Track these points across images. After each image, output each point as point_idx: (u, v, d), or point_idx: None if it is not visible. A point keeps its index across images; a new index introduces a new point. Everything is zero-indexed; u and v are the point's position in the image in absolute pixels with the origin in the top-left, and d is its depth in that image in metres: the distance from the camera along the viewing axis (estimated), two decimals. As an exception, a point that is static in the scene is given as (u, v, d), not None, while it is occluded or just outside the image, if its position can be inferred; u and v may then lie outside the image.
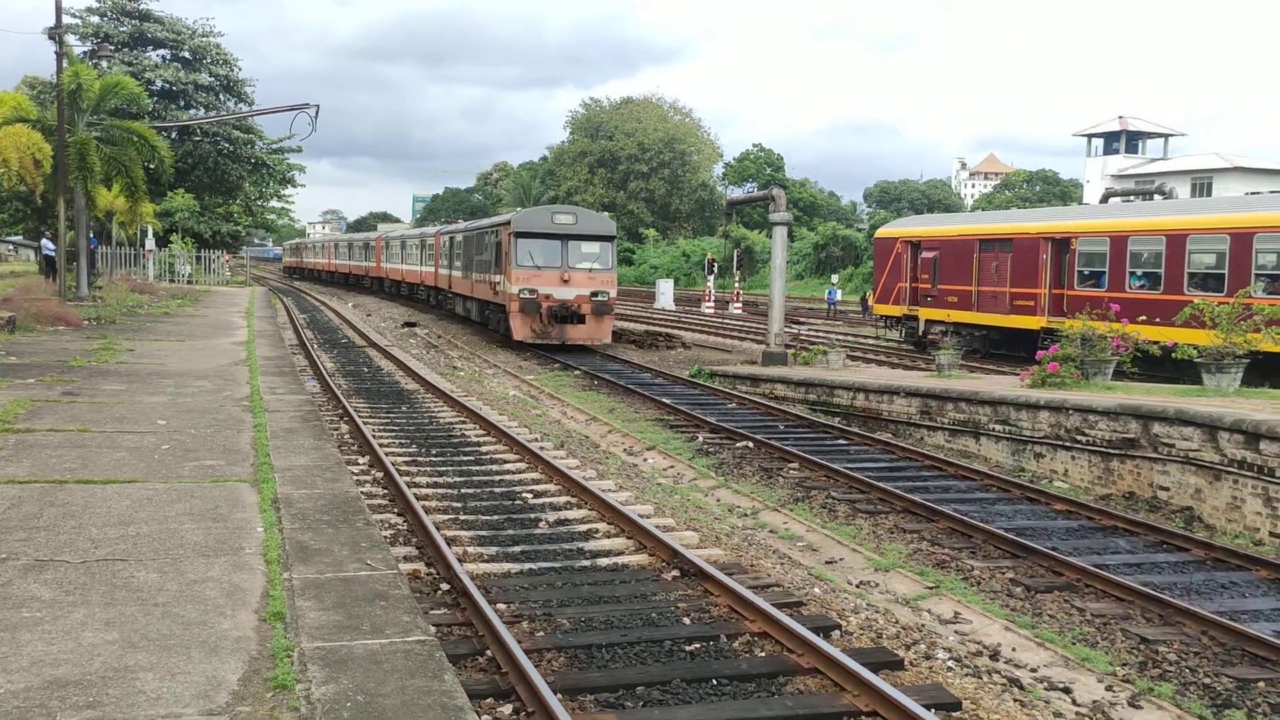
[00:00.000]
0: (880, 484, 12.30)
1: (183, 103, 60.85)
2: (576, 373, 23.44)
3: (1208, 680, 7.15)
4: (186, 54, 61.13)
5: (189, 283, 49.11)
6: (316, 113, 36.33)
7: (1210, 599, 8.81)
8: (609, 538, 9.88)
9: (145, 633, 5.21)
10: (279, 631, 5.23)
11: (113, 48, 54.32)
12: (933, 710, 6.04)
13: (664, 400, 18.86)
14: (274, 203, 74.87)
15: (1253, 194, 25.66)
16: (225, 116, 58.30)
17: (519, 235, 27.28)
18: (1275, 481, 10.67)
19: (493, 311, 30.59)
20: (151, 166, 34.79)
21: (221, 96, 62.42)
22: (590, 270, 27.46)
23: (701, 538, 10.12)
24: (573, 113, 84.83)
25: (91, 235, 38.19)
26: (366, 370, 22.96)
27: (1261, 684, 7.06)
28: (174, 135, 56.15)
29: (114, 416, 11.33)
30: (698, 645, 7.21)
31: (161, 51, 61.07)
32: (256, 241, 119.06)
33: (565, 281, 27.07)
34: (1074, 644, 7.73)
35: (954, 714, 6.26)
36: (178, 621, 5.37)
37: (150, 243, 48.86)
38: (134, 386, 13.69)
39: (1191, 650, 7.65)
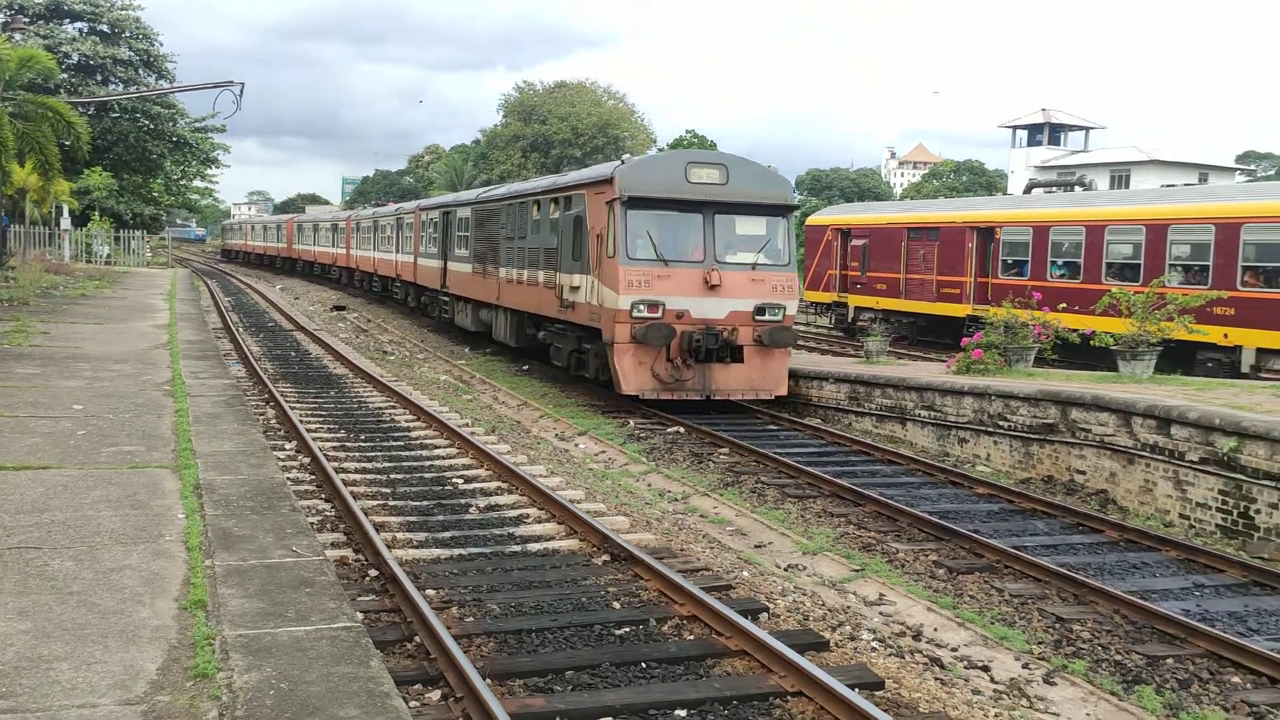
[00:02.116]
0: (809, 469, 12.47)
1: (101, 78, 58.91)
2: (508, 358, 23.30)
3: (1119, 657, 7.40)
4: (105, 27, 59.16)
5: (107, 264, 47.68)
6: (241, 91, 35.41)
7: (1123, 579, 9.12)
8: (540, 523, 9.87)
9: (60, 622, 5.07)
10: (200, 619, 5.14)
11: (27, 19, 52.37)
12: (856, 690, 6.16)
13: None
14: (197, 182, 72.92)
15: (1168, 186, 26.46)
16: (146, 93, 56.59)
17: (633, 203, 15.63)
18: (1185, 465, 11.06)
19: (557, 334, 18.74)
20: (67, 143, 33.63)
21: (141, 72, 60.53)
22: (754, 267, 16.09)
23: (632, 523, 10.17)
24: (506, 95, 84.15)
25: (3, 214, 36.85)
26: (294, 354, 22.56)
27: (1170, 660, 7.33)
28: (91, 111, 54.32)
29: (27, 401, 10.97)
30: (627, 629, 7.25)
31: (79, 24, 59.02)
32: (179, 222, 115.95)
33: (712, 287, 15.71)
34: (993, 624, 7.94)
35: (877, 693, 6.39)
36: (94, 610, 5.24)
37: (66, 222, 47.28)
38: (48, 370, 13.26)
39: (1104, 629, 7.90)
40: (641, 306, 15.50)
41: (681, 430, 15.18)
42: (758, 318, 16.04)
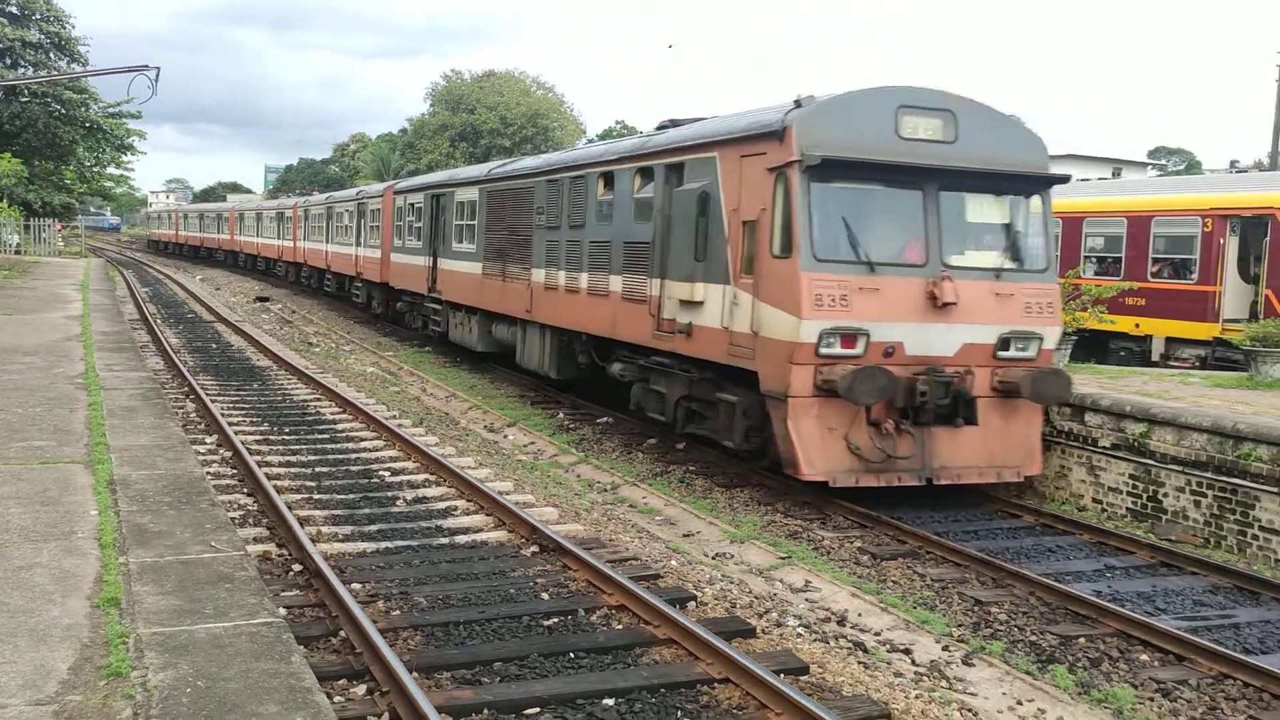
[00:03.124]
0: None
1: (9, 61, 56.76)
2: (436, 348, 23.06)
3: (1034, 638, 7.62)
4: (13, 9, 56.99)
5: (17, 253, 46.06)
6: (157, 75, 34.30)
7: (1038, 562, 9.38)
8: (468, 515, 9.81)
9: (-35, 623, 4.90)
10: (113, 618, 5.01)
11: (-72, -1, 50.24)
12: (781, 675, 6.25)
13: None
14: (111, 169, 70.73)
15: (1083, 180, 27.19)
16: (57, 77, 54.68)
17: (823, 170, 10.15)
18: (1097, 451, 11.40)
19: (652, 371, 13.02)
20: (-27, 128, 32.36)
21: (53, 56, 58.46)
22: (998, 275, 10.85)
23: (561, 513, 10.16)
24: (433, 84, 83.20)
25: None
26: (215, 347, 22.06)
27: (1082, 640, 7.57)
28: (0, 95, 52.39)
29: (-69, 395, 10.57)
30: (556, 620, 7.25)
31: (-14, 6, 56.79)
32: (93, 211, 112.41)
33: (941, 306, 10.37)
34: (915, 608, 8.12)
35: (802, 678, 6.49)
36: (2, 610, 5.07)
37: (-28, 210, 45.54)
38: (-46, 363, 12.79)
39: (1020, 610, 8.13)
40: (833, 338, 9.98)
41: (610, 420, 15.19)
42: (1000, 354, 10.60)
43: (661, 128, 13.84)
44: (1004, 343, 10.66)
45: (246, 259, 51.27)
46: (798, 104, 10.51)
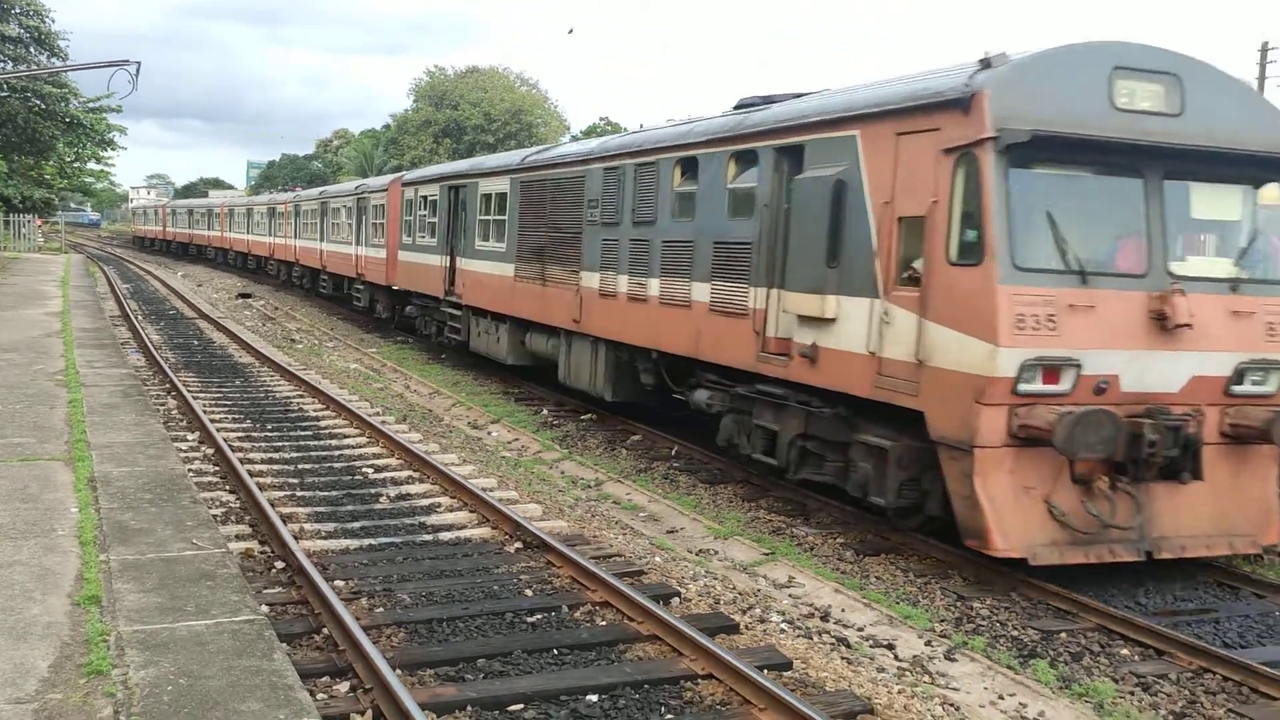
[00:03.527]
0: (719, 455, 12.58)
1: (-12, 55, 56.27)
2: (420, 345, 22.97)
3: (1015, 633, 7.66)
4: (-9, 2, 56.51)
5: (-4, 249, 45.68)
6: (138, 70, 34.06)
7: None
8: (451, 511, 9.80)
9: (-57, 622, 4.87)
10: (94, 615, 4.98)
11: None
12: (765, 671, 6.26)
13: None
14: (92, 165, 70.19)
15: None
16: (37, 71, 54.24)
17: (1027, 151, 7.87)
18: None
19: (752, 402, 10.88)
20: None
21: (32, 50, 57.96)
22: (1233, 287, 8.52)
23: (545, 510, 10.15)
24: (417, 80, 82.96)
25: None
26: (197, 343, 21.93)
27: (1063, 634, 7.62)
28: (-23, 90, 51.91)
29: (-92, 392, 10.48)
30: (540, 616, 7.25)
31: (-37, -1, 56.25)
32: (73, 206, 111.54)
33: (1169, 329, 8.08)
34: (898, 603, 8.15)
35: (785, 673, 6.51)
36: (-19, 609, 5.04)
37: (-49, 206, 45.13)
38: (-68, 360, 12.69)
39: (1002, 605, 8.17)
40: (1034, 371, 7.85)
41: (594, 417, 15.19)
42: (1234, 389, 8.50)
43: (743, 106, 11.56)
44: (1239, 375, 8.43)
45: (236, 256, 48.88)
46: (986, 64, 8.07)
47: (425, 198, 21.43)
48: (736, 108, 11.81)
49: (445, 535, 9.08)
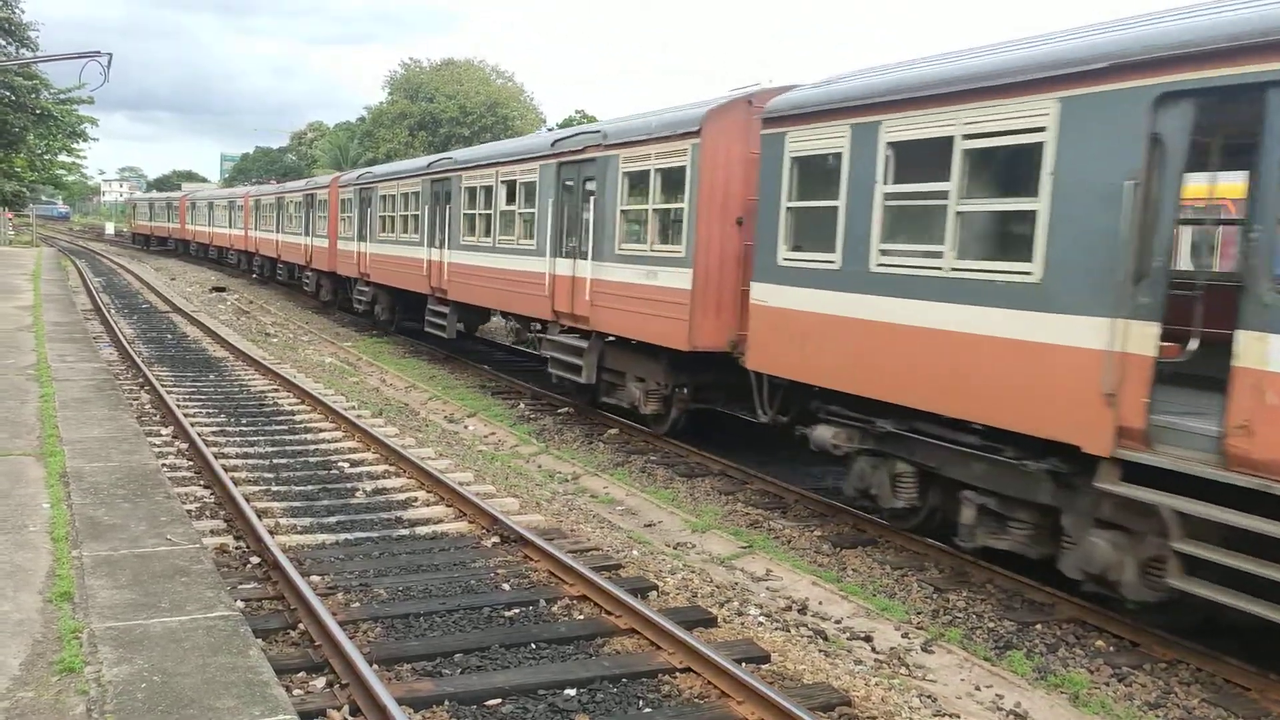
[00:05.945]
0: (698, 450, 12.60)
1: (-44, 45, 55.44)
2: (396, 340, 22.88)
3: (992, 625, 7.71)
4: (-41, -8, 55.66)
5: (-35, 242, 45.06)
6: (109, 62, 33.71)
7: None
8: (428, 506, 9.75)
9: (-89, 619, 4.80)
10: (66, 612, 4.92)
11: None
12: (743, 664, 6.27)
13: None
14: (63, 157, 69.34)
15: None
16: (6, 63, 53.49)
17: None
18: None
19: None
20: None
21: (2, 41, 57.22)
22: None
23: (522, 504, 10.13)
24: (391, 72, 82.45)
25: None
26: (170, 337, 21.72)
27: (1039, 626, 7.68)
28: (-55, 80, 51.15)
29: (-125, 387, 10.32)
30: (517, 610, 7.23)
31: (-70, -12, 55.36)
32: (44, 199, 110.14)
33: None
34: (875, 595, 8.19)
35: (763, 666, 6.52)
36: (-50, 606, 4.97)
37: (-82, 198, 44.45)
38: (-101, 354, 12.50)
39: (979, 597, 8.22)
40: None
41: (571, 410, 15.16)
42: None
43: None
44: None
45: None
46: None
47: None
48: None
49: (422, 530, 9.04)
